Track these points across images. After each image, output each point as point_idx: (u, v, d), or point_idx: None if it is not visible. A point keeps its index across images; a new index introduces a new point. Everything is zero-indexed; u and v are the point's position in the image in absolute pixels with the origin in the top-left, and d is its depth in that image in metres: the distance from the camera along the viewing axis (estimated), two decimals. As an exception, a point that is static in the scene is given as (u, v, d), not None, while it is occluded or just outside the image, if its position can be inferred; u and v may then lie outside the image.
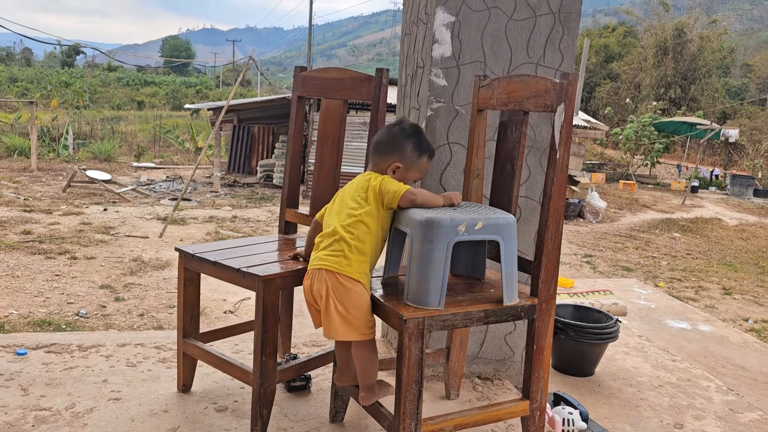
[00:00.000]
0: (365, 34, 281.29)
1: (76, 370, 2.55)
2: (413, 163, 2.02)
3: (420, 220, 1.81)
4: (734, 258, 9.68)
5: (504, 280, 1.89)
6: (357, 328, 1.92)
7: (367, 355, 1.99)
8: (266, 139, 15.84)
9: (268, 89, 42.34)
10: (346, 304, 1.90)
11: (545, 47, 2.60)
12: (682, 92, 28.39)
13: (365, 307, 1.92)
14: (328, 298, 1.91)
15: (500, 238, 1.87)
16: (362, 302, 1.91)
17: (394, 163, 2.00)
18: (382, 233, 1.97)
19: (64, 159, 17.01)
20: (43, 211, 9.83)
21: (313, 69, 2.66)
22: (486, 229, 1.84)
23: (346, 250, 1.90)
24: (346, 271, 1.90)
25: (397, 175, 2.00)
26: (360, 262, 1.91)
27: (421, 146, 2.03)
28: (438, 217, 1.80)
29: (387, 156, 2.01)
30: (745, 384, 3.66)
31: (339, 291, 1.90)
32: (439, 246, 1.78)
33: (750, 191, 18.12)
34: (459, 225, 1.80)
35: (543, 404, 2.06)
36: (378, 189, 1.93)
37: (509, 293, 1.91)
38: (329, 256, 1.92)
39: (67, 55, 56.64)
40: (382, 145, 2.03)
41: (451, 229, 1.79)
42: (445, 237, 1.78)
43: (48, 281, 6.21)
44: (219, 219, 10.17)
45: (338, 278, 1.90)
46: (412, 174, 2.03)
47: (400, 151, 2.00)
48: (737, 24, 68.38)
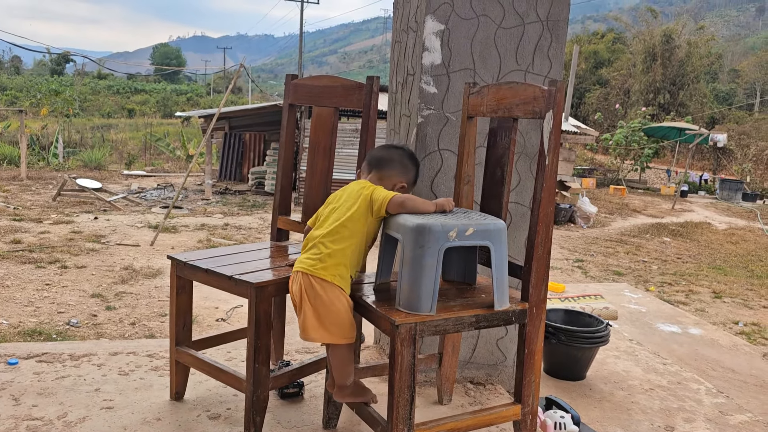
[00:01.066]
0: (356, 41, 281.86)
1: (68, 380, 2.54)
2: (412, 186, 2.18)
3: (411, 227, 1.83)
4: (724, 262, 9.75)
5: (495, 285, 1.91)
6: (331, 331, 1.95)
7: (340, 358, 2.03)
8: (258, 146, 15.84)
9: (259, 96, 42.34)
10: (318, 306, 1.94)
11: (534, 54, 2.63)
12: (671, 98, 28.63)
13: (340, 311, 1.95)
14: (302, 300, 1.96)
15: (491, 244, 1.89)
16: (336, 305, 1.94)
17: (400, 183, 2.12)
18: (367, 239, 2.01)
19: (54, 167, 16.92)
20: (33, 220, 9.78)
21: (305, 77, 2.68)
22: (477, 234, 1.86)
23: (324, 254, 1.96)
24: (320, 273, 1.94)
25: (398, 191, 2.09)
26: (336, 265, 1.95)
27: (418, 173, 2.22)
28: (429, 223, 1.82)
29: (396, 174, 2.12)
30: (735, 386, 3.69)
31: (311, 293, 1.95)
32: (431, 252, 1.80)
33: (739, 195, 18.27)
34: (450, 231, 1.82)
35: (535, 408, 2.08)
36: (369, 197, 1.97)
37: (500, 298, 1.93)
38: (307, 259, 1.98)
39: (57, 63, 56.41)
40: (392, 163, 2.13)
41: (442, 235, 1.81)
42: (436, 243, 1.80)
43: (38, 290, 6.17)
44: (210, 227, 10.15)
45: (312, 280, 1.95)
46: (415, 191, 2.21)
47: (408, 174, 2.15)
48: (724, 30, 69.07)
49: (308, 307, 1.95)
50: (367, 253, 2.07)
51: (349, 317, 1.98)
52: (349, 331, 1.98)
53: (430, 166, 2.60)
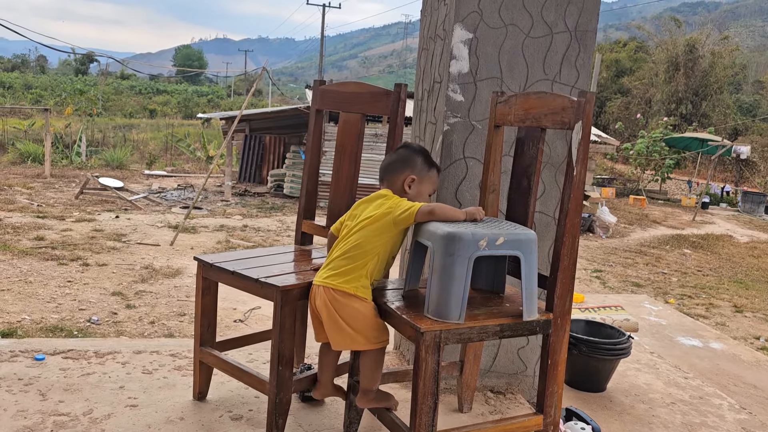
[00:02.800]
0: (376, 46, 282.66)
1: (93, 376, 2.58)
2: (426, 176, 2.10)
3: (442, 235, 1.84)
4: (745, 275, 9.62)
5: (524, 296, 1.91)
6: (359, 339, 1.98)
7: (372, 362, 2.06)
8: (277, 149, 15.93)
9: (279, 99, 42.60)
10: (346, 316, 1.97)
11: (561, 64, 2.63)
12: (693, 108, 28.33)
13: (366, 318, 1.98)
14: (328, 314, 1.99)
15: (521, 254, 1.89)
16: (361, 314, 1.97)
17: (408, 177, 2.07)
18: (390, 253, 2.03)
19: (77, 166, 17.17)
20: (56, 218, 9.92)
21: (332, 83, 2.70)
22: (507, 244, 1.87)
23: (344, 267, 1.98)
24: (342, 287, 1.97)
25: (413, 188, 2.07)
26: (358, 278, 1.98)
27: (430, 160, 2.13)
28: (459, 232, 1.82)
29: (400, 172, 2.08)
30: (758, 403, 3.64)
31: (336, 305, 1.97)
32: (461, 260, 1.81)
33: (761, 208, 18.01)
34: (480, 240, 1.82)
35: (557, 419, 2.07)
36: (391, 212, 1.98)
37: (529, 308, 1.93)
38: (329, 272, 2.01)
39: (81, 63, 57.25)
40: (393, 164, 2.11)
41: (473, 244, 1.82)
42: (466, 251, 1.81)
43: (60, 287, 6.26)
44: (229, 228, 10.22)
45: (335, 294, 1.98)
46: (425, 187, 2.11)
47: (412, 165, 2.09)
48: (749, 40, 68.24)
49: (336, 318, 1.97)
50: (390, 264, 2.08)
51: (379, 321, 2.01)
52: (382, 334, 2.02)
53: (455, 174, 2.60)
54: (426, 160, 2.12)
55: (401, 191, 2.08)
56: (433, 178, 2.13)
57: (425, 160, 2.12)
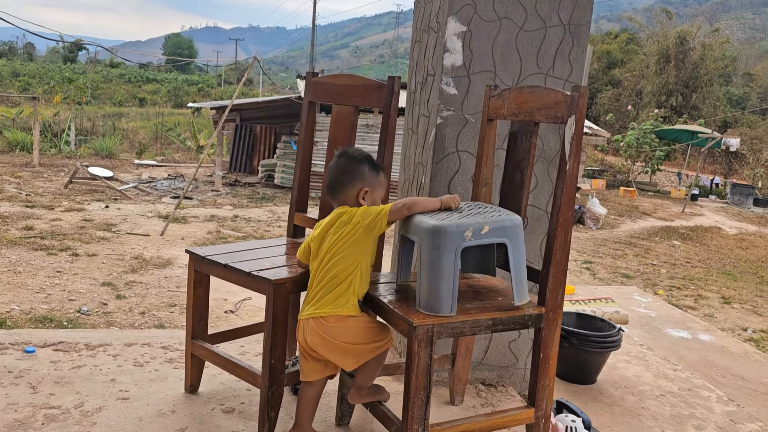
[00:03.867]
0: (368, 35, 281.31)
1: (84, 369, 2.57)
2: (376, 182, 2.03)
3: (426, 228, 1.84)
4: (733, 267, 9.71)
5: (513, 281, 1.92)
6: (367, 350, 1.99)
7: (375, 363, 2.06)
8: (268, 138, 15.86)
9: (270, 89, 42.37)
10: (344, 338, 1.96)
11: (555, 58, 2.63)
12: (683, 100, 28.44)
13: (366, 330, 1.98)
14: (324, 343, 1.96)
15: (508, 241, 1.90)
16: (359, 329, 1.97)
17: (361, 190, 1.99)
18: (369, 259, 2.00)
19: (66, 155, 17.02)
20: (45, 207, 9.85)
21: (325, 75, 2.68)
22: (493, 232, 1.87)
23: (329, 294, 1.95)
24: (332, 312, 1.95)
25: (367, 199, 2.00)
26: (346, 299, 1.95)
27: (374, 164, 2.05)
28: (444, 225, 1.82)
29: (350, 186, 2.00)
30: (745, 394, 3.68)
31: (331, 333, 1.95)
32: (447, 253, 1.80)
33: (750, 200, 18.16)
34: (465, 231, 1.82)
35: (548, 412, 2.08)
36: (359, 218, 1.93)
37: (519, 294, 1.94)
38: (314, 304, 1.97)
39: (70, 51, 56.61)
40: (340, 179, 2.01)
41: (458, 236, 1.81)
42: (452, 244, 1.81)
43: (49, 277, 6.22)
44: (220, 218, 10.19)
45: (325, 322, 1.95)
46: (378, 193, 2.04)
47: (360, 176, 2.00)
48: (739, 33, 68.48)
49: (336, 344, 1.95)
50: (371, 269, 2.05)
51: (378, 326, 2.01)
52: (385, 336, 2.02)
53: (447, 168, 2.60)
54: (371, 167, 2.03)
55: (356, 205, 2.00)
56: (382, 181, 2.06)
57: (371, 167, 2.03)
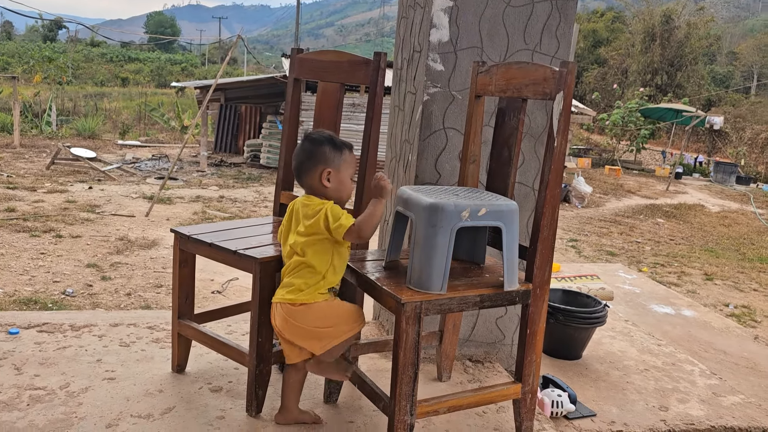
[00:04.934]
0: (353, 13, 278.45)
1: (69, 350, 2.55)
2: (340, 162, 1.99)
3: (424, 206, 1.83)
4: (716, 244, 9.83)
5: (506, 266, 1.92)
6: (331, 336, 1.97)
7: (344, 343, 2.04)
8: (253, 118, 15.72)
9: (255, 68, 41.91)
10: (312, 323, 1.95)
11: (542, 34, 2.61)
12: (668, 79, 28.56)
13: (331, 317, 1.97)
14: (292, 329, 1.96)
15: (503, 225, 1.89)
16: (325, 315, 1.96)
17: (324, 171, 1.96)
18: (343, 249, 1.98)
19: (47, 135, 16.78)
20: (27, 189, 9.72)
21: (311, 51, 2.65)
22: (489, 215, 1.87)
23: (300, 283, 1.95)
24: (300, 299, 1.95)
25: (332, 181, 1.97)
26: (315, 288, 1.95)
27: (336, 143, 2.01)
28: (442, 203, 1.82)
29: (313, 170, 1.97)
30: (727, 368, 3.75)
31: (297, 317, 1.94)
32: (443, 231, 1.80)
33: (733, 178, 18.35)
34: (463, 211, 1.82)
35: (535, 387, 2.10)
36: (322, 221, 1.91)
37: (510, 279, 1.94)
38: (286, 290, 1.97)
39: (49, 30, 55.54)
40: (303, 164, 2.00)
41: (455, 215, 1.81)
42: (449, 222, 1.80)
43: (33, 259, 6.16)
44: (206, 199, 10.12)
45: (291, 308, 1.95)
46: (344, 173, 2.00)
47: (321, 157, 1.97)
48: (724, 11, 68.58)
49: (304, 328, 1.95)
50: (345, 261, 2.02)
51: (348, 309, 2.02)
52: (356, 320, 2.02)
53: (434, 145, 2.59)
54: (333, 146, 1.99)
55: (321, 187, 1.97)
56: (348, 159, 2.01)
57: (332, 147, 1.99)
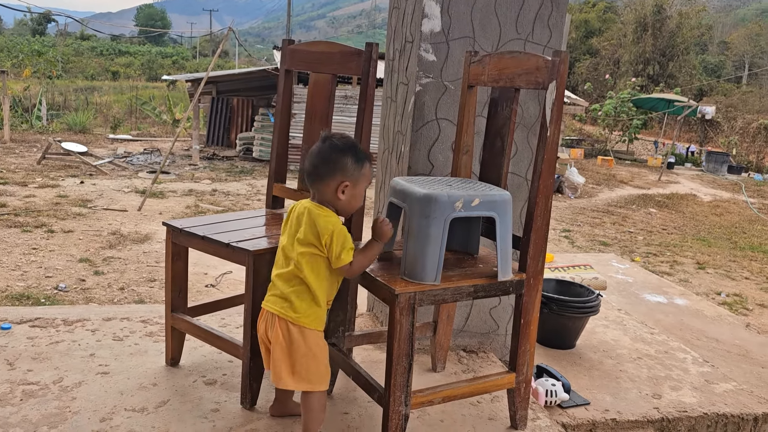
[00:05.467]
0: (345, 5, 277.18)
1: (62, 345, 2.54)
2: (359, 176, 1.88)
3: (418, 197, 1.83)
4: (708, 233, 9.88)
5: (499, 256, 1.92)
6: (311, 381, 1.90)
7: (318, 404, 1.94)
8: (245, 111, 15.65)
9: (246, 60, 41.66)
10: (297, 357, 1.88)
11: (534, 23, 2.60)
12: (660, 69, 28.61)
13: (320, 359, 1.91)
14: (276, 345, 1.89)
15: (496, 215, 1.90)
16: (316, 353, 1.89)
17: (341, 184, 1.86)
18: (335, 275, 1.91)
19: (37, 130, 16.66)
20: (18, 184, 9.66)
21: (302, 42, 2.63)
22: (483, 205, 1.87)
23: (294, 297, 1.87)
24: (300, 321, 1.87)
25: (347, 194, 1.87)
26: (310, 306, 1.88)
27: (359, 156, 1.88)
28: (435, 194, 1.82)
29: (330, 179, 1.86)
30: (719, 356, 3.77)
31: (287, 341, 1.88)
32: (436, 222, 1.80)
33: (724, 168, 18.43)
34: (456, 201, 1.82)
35: (529, 377, 2.11)
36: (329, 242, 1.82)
37: (504, 269, 1.94)
38: (281, 301, 1.89)
39: (38, 23, 55.03)
40: (320, 168, 1.87)
41: (449, 206, 1.81)
42: (442, 213, 1.80)
43: (25, 255, 6.13)
44: (198, 192, 10.09)
45: (289, 326, 1.88)
46: (360, 187, 1.91)
47: (342, 169, 1.85)
48: (715, 1, 68.70)
49: (284, 355, 1.88)
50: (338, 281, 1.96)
51: (326, 362, 1.94)
52: (327, 375, 1.95)
53: (427, 136, 2.58)
54: (356, 158, 1.86)
55: (334, 198, 1.87)
56: (366, 173, 1.90)
57: (355, 159, 1.86)
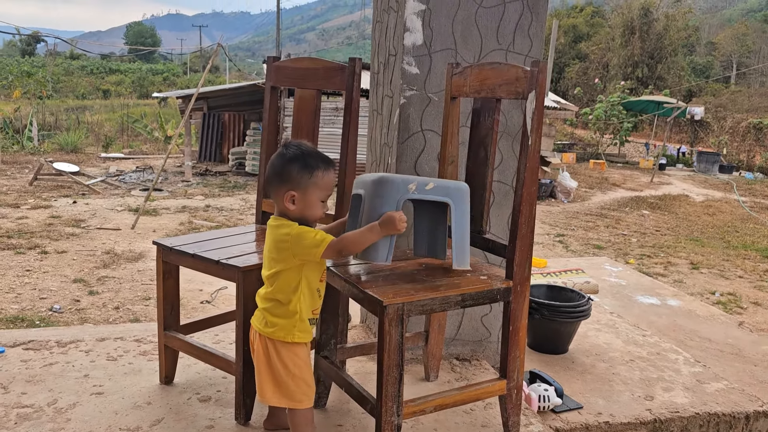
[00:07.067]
0: (334, 17, 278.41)
1: (56, 366, 2.55)
2: (308, 183, 1.82)
3: (373, 179, 1.87)
4: (701, 233, 9.93)
5: (454, 245, 1.91)
6: (294, 398, 1.90)
7: (304, 421, 1.93)
8: (237, 126, 15.69)
9: (237, 75, 41.80)
10: (280, 374, 1.89)
11: (515, 34, 2.64)
12: (649, 71, 28.80)
13: (304, 376, 1.90)
14: (259, 363, 1.91)
15: (451, 201, 1.90)
16: (299, 368, 1.89)
17: (288, 193, 1.83)
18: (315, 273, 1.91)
19: (29, 151, 16.63)
20: (10, 206, 9.64)
21: (286, 59, 2.66)
22: (437, 190, 1.88)
23: (273, 310, 1.88)
24: (279, 336, 1.88)
25: (297, 204, 1.83)
26: (286, 320, 1.88)
27: (307, 164, 1.83)
28: (389, 176, 1.86)
29: (278, 188, 1.85)
30: (712, 355, 3.80)
31: (269, 358, 1.89)
32: (389, 201, 1.80)
33: (716, 167, 18.54)
34: (410, 183, 1.83)
35: (520, 383, 2.13)
36: (290, 245, 1.82)
37: (459, 258, 1.93)
38: (260, 316, 1.91)
39: (27, 44, 55.09)
40: (270, 179, 1.88)
41: (402, 186, 1.82)
42: (395, 193, 1.81)
43: (19, 277, 6.12)
44: (192, 209, 10.09)
45: (268, 344, 1.89)
46: (312, 195, 1.84)
47: (288, 178, 1.83)
48: (701, 2, 69.32)
49: (266, 371, 1.90)
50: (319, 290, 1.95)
51: (310, 378, 1.94)
52: (310, 392, 1.95)
53: (413, 147, 2.61)
54: (303, 167, 1.82)
55: (285, 209, 1.86)
56: (319, 181, 1.83)
57: (301, 167, 1.82)
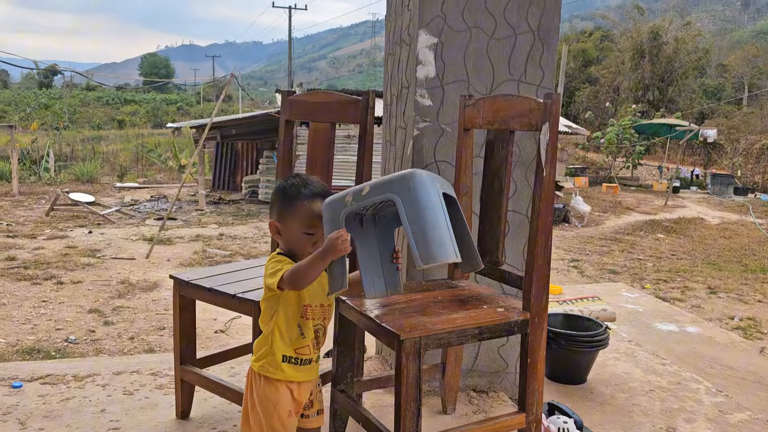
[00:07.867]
0: (345, 45, 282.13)
1: (73, 401, 2.55)
2: (288, 214, 1.77)
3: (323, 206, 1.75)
4: (718, 257, 9.81)
5: (412, 240, 1.65)
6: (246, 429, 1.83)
7: None
8: (250, 154, 15.84)
9: (250, 104, 42.30)
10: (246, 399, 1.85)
11: (526, 64, 2.66)
12: (660, 94, 28.80)
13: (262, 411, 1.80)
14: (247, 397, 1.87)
15: (395, 195, 1.66)
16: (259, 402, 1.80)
17: (271, 224, 1.82)
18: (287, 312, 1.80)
19: (45, 182, 16.87)
20: (27, 236, 9.75)
21: (300, 93, 2.70)
22: (375, 190, 1.70)
23: (255, 344, 1.86)
24: (253, 365, 1.83)
25: (282, 234, 1.80)
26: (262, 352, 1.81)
27: (288, 194, 1.78)
28: (330, 198, 1.75)
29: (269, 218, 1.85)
30: (733, 384, 3.72)
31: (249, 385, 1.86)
32: (334, 223, 1.71)
33: (730, 190, 18.39)
34: (345, 196, 1.72)
35: (539, 416, 2.10)
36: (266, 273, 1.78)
37: (424, 254, 1.63)
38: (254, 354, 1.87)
39: (45, 76, 56.21)
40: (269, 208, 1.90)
41: (339, 203, 1.72)
42: (336, 212, 1.71)
43: (35, 308, 6.16)
44: (206, 237, 10.14)
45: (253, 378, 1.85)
46: (292, 227, 1.78)
47: (272, 209, 1.84)
48: (710, 25, 69.57)
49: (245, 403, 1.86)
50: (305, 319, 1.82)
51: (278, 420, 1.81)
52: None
53: (427, 178, 2.62)
54: (283, 198, 1.78)
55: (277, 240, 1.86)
56: (298, 212, 1.76)
57: (283, 198, 1.78)
